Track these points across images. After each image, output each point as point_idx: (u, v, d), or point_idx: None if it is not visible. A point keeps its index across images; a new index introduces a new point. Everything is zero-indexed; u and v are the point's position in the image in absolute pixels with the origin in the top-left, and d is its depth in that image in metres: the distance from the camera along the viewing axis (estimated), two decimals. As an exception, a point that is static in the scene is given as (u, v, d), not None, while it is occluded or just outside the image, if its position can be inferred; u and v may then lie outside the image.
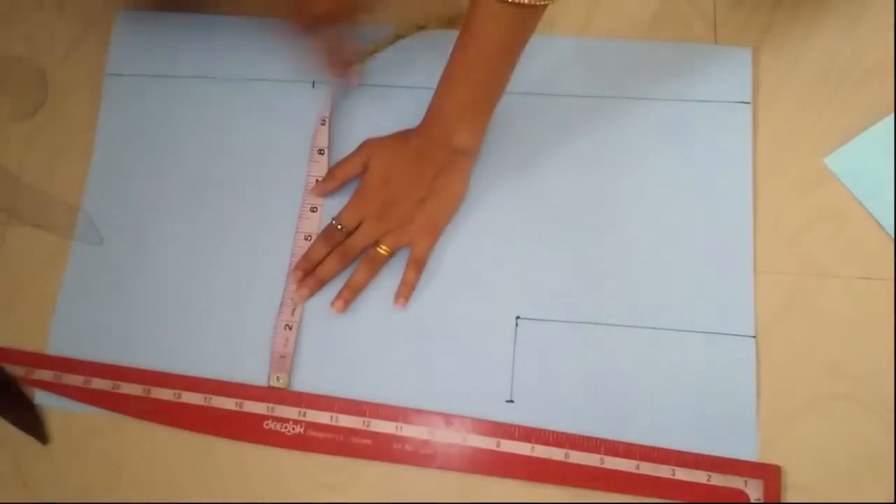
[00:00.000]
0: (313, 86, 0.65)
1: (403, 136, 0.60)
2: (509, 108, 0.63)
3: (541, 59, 0.64)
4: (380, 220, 0.59)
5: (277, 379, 0.59)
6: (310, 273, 0.60)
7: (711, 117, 0.61)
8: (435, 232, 0.60)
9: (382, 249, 0.59)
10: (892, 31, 0.62)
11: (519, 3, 0.49)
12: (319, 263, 0.60)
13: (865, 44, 0.62)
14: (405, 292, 0.60)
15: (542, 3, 0.49)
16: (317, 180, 0.62)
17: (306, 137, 0.64)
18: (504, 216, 0.61)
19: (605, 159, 0.62)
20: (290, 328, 0.60)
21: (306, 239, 0.62)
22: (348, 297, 0.60)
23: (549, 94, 0.63)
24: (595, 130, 0.62)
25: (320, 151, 0.63)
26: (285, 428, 0.58)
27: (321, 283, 0.60)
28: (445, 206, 0.60)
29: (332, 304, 0.60)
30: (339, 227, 0.60)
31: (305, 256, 0.61)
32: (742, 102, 0.61)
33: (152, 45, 0.67)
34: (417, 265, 0.60)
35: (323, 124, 0.64)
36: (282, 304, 0.60)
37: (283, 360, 0.59)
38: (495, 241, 0.61)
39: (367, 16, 0.65)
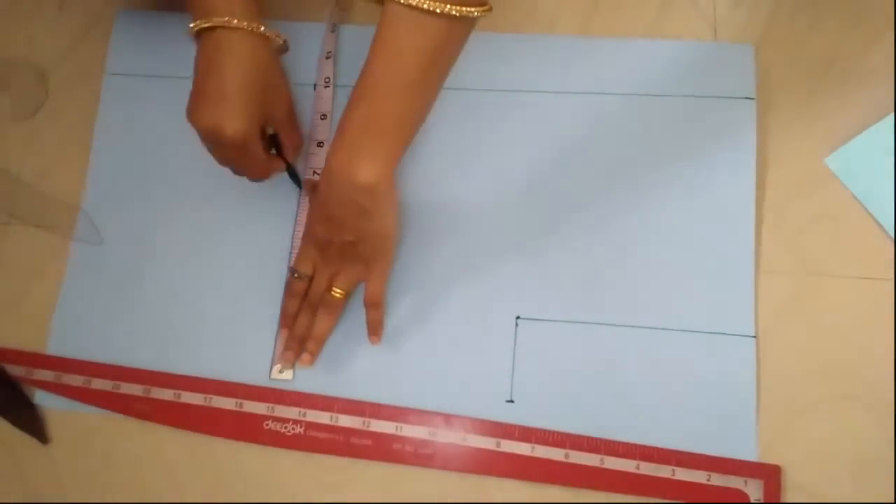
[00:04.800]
0: (314, 88, 0.65)
1: (322, 173, 0.53)
2: (509, 107, 0.63)
3: (540, 58, 0.64)
4: (325, 262, 0.57)
5: (281, 371, 0.59)
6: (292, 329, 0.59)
7: (714, 114, 0.61)
8: (380, 270, 0.57)
9: (336, 293, 0.57)
10: (892, 31, 0.62)
11: (432, 10, 0.42)
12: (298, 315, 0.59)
13: (865, 44, 0.62)
14: (374, 330, 0.58)
15: (464, 13, 0.43)
16: (314, 172, 0.63)
17: (305, 136, 0.64)
18: (504, 216, 0.61)
19: (606, 157, 0.61)
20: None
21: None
22: (314, 349, 0.59)
23: (549, 93, 0.63)
24: (596, 128, 0.62)
25: (319, 144, 0.63)
26: (285, 428, 0.58)
27: (304, 341, 0.59)
28: (377, 247, 0.55)
29: (301, 359, 0.59)
30: (296, 274, 0.58)
31: (283, 314, 0.60)
32: (746, 98, 0.61)
33: (152, 45, 0.67)
34: (374, 303, 0.57)
35: (323, 119, 0.64)
36: (284, 296, 0.61)
37: (288, 353, 0.59)
38: (495, 241, 0.61)
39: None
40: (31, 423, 0.59)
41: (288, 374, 0.59)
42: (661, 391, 0.57)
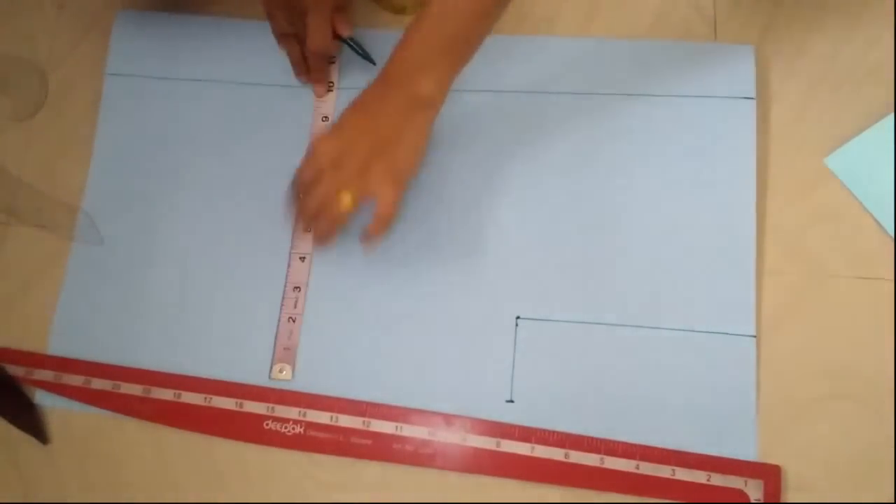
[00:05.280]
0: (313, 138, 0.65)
1: (362, 90, 0.56)
2: (510, 107, 0.63)
3: (541, 59, 0.64)
4: (336, 171, 0.55)
5: (281, 370, 0.59)
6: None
7: (714, 114, 0.61)
8: (398, 182, 0.55)
9: (343, 200, 0.55)
10: (892, 31, 0.62)
11: None
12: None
13: (865, 44, 0.62)
14: (371, 238, 0.56)
15: None
16: None
17: (305, 137, 0.64)
18: (504, 215, 0.61)
19: (606, 157, 0.62)
20: (294, 320, 0.60)
21: (306, 231, 0.62)
22: (321, 247, 0.60)
23: (549, 93, 0.63)
24: (596, 129, 0.62)
25: None
26: (285, 428, 0.58)
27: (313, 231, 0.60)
28: (405, 155, 0.55)
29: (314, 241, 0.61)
30: (301, 187, 0.58)
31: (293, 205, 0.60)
32: (746, 98, 0.61)
33: (152, 45, 0.67)
34: (383, 221, 0.55)
35: (324, 121, 0.64)
36: (284, 297, 0.61)
37: (288, 352, 0.59)
38: (495, 241, 0.61)
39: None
40: (31, 423, 0.59)
41: (288, 374, 0.59)
42: (661, 391, 0.57)
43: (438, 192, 0.62)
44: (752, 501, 0.54)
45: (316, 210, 0.56)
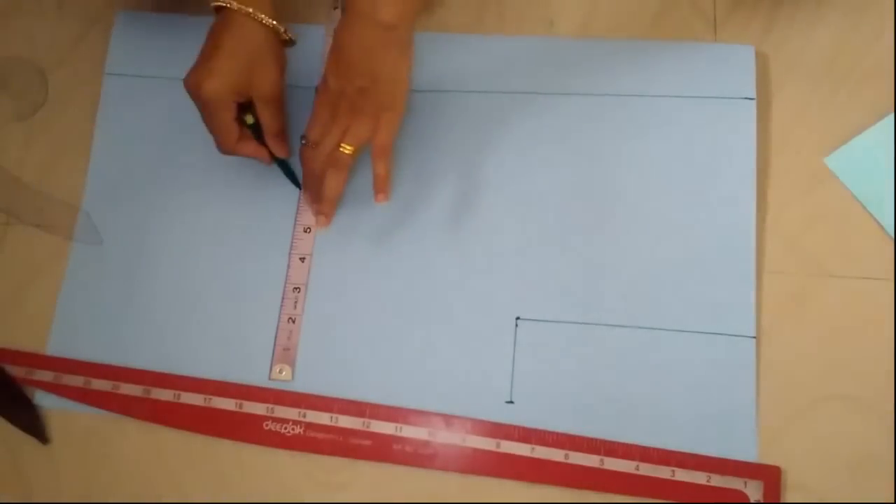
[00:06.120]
0: (315, 91, 0.65)
1: (343, 17, 0.56)
2: (509, 108, 0.63)
3: (541, 59, 0.64)
4: (335, 121, 0.56)
5: (280, 371, 0.59)
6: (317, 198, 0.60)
7: (714, 114, 0.61)
8: (389, 120, 0.56)
9: (345, 149, 0.56)
10: (892, 31, 0.62)
11: None
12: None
13: (865, 44, 0.62)
14: (381, 186, 0.57)
15: None
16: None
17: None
18: (504, 216, 0.61)
19: (606, 158, 0.61)
20: (293, 321, 0.60)
21: (306, 231, 0.62)
22: (327, 210, 0.60)
23: (549, 94, 0.63)
24: (596, 129, 0.62)
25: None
26: (285, 428, 0.58)
27: (319, 201, 0.59)
28: (390, 88, 0.55)
29: (317, 221, 0.61)
30: (305, 141, 0.58)
31: (304, 179, 0.61)
32: (746, 98, 0.61)
33: (152, 45, 0.67)
34: (382, 154, 0.56)
35: None
36: (284, 297, 0.61)
37: (287, 353, 0.59)
38: (495, 241, 0.61)
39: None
40: (31, 423, 0.59)
41: (287, 375, 0.59)
42: (661, 392, 0.57)
43: (437, 193, 0.62)
44: (752, 502, 0.54)
45: (322, 169, 0.57)
